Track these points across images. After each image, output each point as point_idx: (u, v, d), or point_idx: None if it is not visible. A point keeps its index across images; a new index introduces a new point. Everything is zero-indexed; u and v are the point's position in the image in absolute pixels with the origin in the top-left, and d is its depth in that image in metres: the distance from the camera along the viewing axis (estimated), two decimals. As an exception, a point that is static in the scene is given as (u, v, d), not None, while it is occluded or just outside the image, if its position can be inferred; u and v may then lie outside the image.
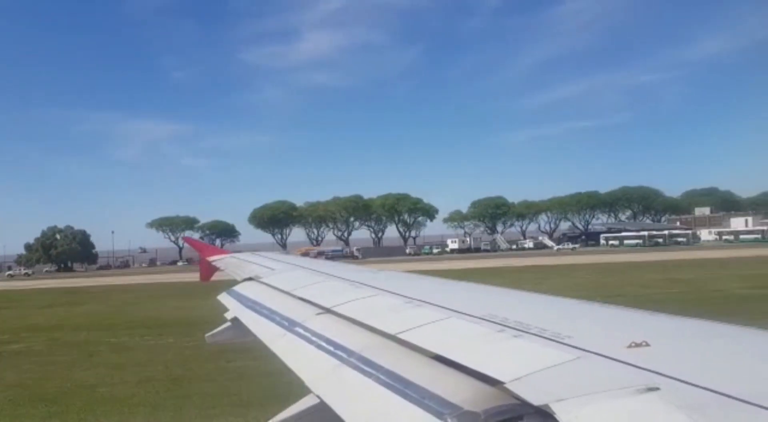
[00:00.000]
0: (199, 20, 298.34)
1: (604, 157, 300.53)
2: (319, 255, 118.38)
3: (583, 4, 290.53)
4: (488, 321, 3.23)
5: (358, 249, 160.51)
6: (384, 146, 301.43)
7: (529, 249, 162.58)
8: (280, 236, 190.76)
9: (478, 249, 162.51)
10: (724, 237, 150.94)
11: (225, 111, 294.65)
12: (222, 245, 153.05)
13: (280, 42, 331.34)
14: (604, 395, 2.05)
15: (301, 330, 4.35)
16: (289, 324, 4.62)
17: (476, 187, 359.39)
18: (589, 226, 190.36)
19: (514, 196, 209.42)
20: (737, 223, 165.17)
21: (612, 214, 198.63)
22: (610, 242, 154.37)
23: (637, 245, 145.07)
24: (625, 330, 2.85)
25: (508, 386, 2.31)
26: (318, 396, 3.19)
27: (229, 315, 6.33)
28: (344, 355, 3.48)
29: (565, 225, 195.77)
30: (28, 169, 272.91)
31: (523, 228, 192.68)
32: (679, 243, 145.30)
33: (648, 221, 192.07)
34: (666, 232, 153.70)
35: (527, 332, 2.90)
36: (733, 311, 29.75)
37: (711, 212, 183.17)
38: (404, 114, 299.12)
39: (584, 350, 2.51)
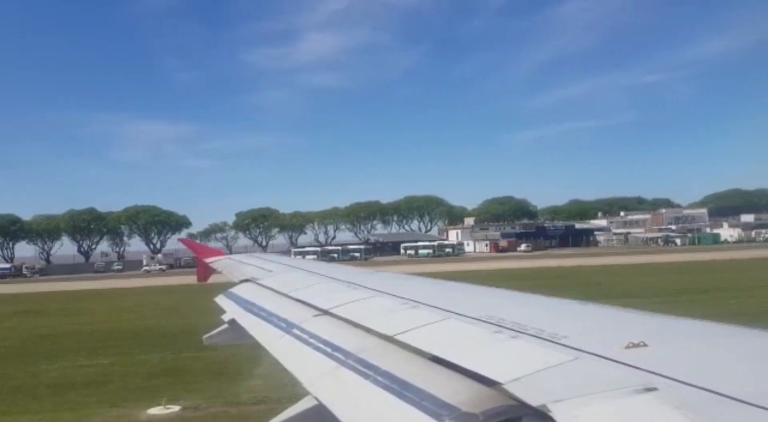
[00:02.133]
0: (202, 22, 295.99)
1: (610, 157, 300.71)
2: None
3: (587, 3, 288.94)
4: (485, 322, 3.24)
5: (27, 267, 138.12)
6: (387, 147, 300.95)
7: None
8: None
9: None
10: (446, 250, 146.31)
11: (228, 112, 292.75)
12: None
13: (283, 43, 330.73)
14: (602, 395, 2.05)
15: (298, 332, 4.35)
16: (287, 326, 4.62)
17: (486, 186, 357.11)
18: (369, 237, 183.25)
19: (525, 195, 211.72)
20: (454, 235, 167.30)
21: (401, 223, 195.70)
22: (408, 251, 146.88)
23: (428, 255, 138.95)
24: (623, 330, 2.86)
25: (506, 387, 2.32)
26: (316, 398, 3.20)
27: (226, 317, 6.32)
28: (342, 357, 3.48)
29: (346, 236, 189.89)
30: (32, 171, 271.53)
31: (293, 239, 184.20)
32: (447, 254, 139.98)
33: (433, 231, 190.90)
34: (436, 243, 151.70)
35: (525, 333, 2.91)
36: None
37: (475, 222, 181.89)
38: (408, 115, 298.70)
39: (582, 351, 2.52)
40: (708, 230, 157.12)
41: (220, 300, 7.06)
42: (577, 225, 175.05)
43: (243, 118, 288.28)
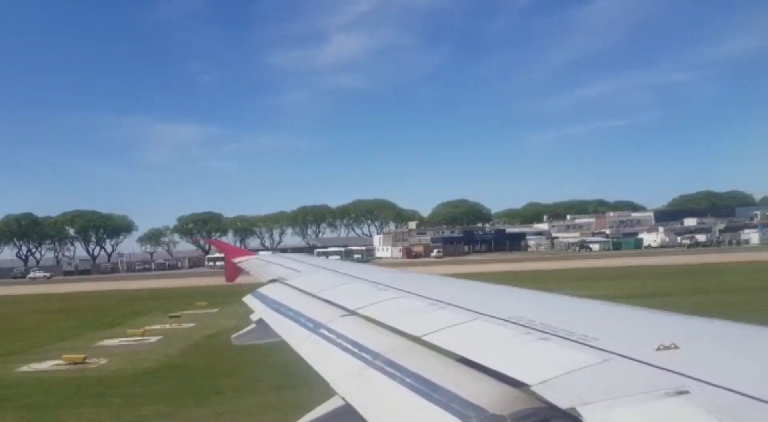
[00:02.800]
0: (226, 25, 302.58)
1: (633, 157, 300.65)
2: None
3: (610, 2, 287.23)
4: (514, 323, 3.22)
5: None
6: (410, 147, 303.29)
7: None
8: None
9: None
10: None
11: (252, 114, 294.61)
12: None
13: (307, 45, 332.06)
14: (632, 398, 2.04)
15: (326, 332, 4.36)
16: (315, 326, 4.65)
17: (509, 186, 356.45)
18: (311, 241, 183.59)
19: (547, 197, 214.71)
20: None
21: (350, 227, 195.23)
22: (320, 257, 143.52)
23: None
24: (654, 332, 2.82)
25: (535, 389, 2.32)
26: (343, 398, 3.21)
27: (254, 317, 6.39)
28: (369, 357, 3.49)
29: (295, 240, 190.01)
30: (60, 173, 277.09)
31: (243, 243, 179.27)
32: (356, 259, 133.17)
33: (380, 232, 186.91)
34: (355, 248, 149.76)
35: (554, 334, 2.89)
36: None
37: (417, 226, 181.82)
38: (430, 115, 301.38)
39: (612, 353, 2.50)
40: (645, 234, 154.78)
41: (248, 299, 7.11)
42: (509, 230, 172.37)
43: (267, 119, 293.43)
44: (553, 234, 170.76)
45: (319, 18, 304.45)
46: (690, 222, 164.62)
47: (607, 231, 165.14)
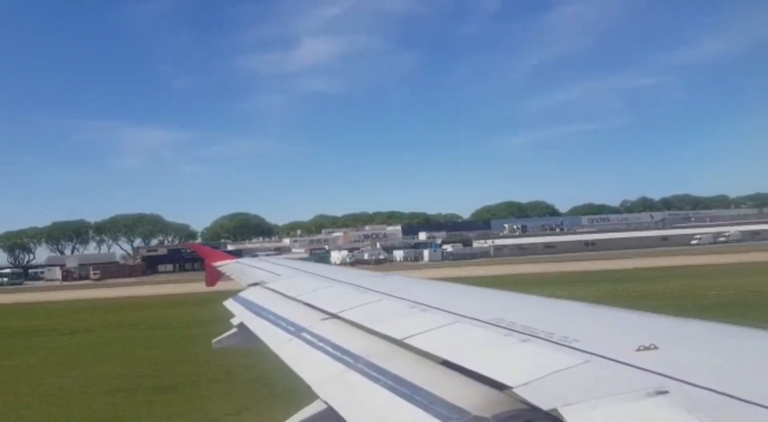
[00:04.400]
0: (197, 27, 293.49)
1: (604, 161, 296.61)
2: None
3: (581, 7, 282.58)
4: (495, 325, 3.23)
5: None
6: (384, 152, 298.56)
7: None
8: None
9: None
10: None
11: (224, 118, 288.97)
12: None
13: (279, 49, 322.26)
14: (613, 399, 2.05)
15: (307, 336, 4.35)
16: (296, 330, 4.64)
17: (482, 191, 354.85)
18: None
19: (521, 198, 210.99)
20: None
21: (105, 242, 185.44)
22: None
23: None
24: (633, 333, 2.86)
25: (517, 390, 2.32)
26: (325, 402, 3.19)
27: (235, 321, 6.35)
28: (351, 360, 3.48)
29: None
30: (28, 178, 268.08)
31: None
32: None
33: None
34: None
35: (535, 336, 2.90)
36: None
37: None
38: (404, 119, 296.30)
39: (592, 354, 2.51)
40: (335, 252, 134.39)
41: (229, 304, 7.08)
42: (232, 247, 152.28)
43: (239, 123, 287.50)
44: (294, 250, 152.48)
45: (291, 22, 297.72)
46: (423, 236, 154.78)
47: (307, 249, 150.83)
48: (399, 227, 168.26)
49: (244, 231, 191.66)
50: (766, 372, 2.23)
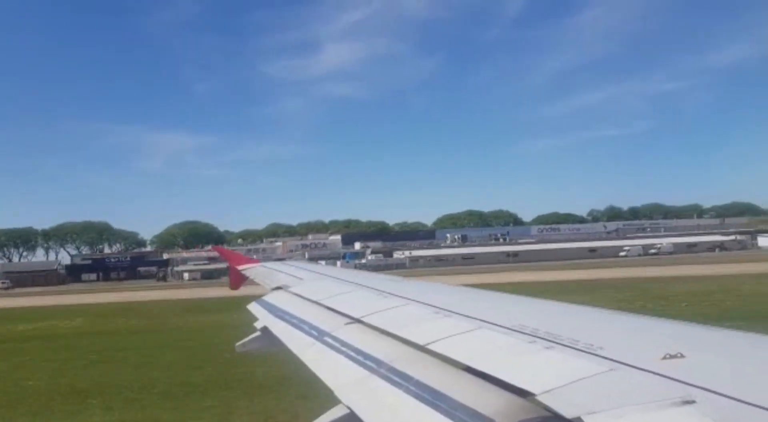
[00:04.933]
0: (220, 33, 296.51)
1: (627, 166, 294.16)
2: None
3: (603, 12, 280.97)
4: (518, 331, 3.22)
5: None
6: (406, 156, 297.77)
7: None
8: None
9: None
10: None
11: (247, 123, 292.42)
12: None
13: (302, 54, 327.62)
14: (638, 408, 2.03)
15: (330, 340, 4.37)
16: (319, 334, 4.65)
17: (474, 198, 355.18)
18: None
19: (533, 205, 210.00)
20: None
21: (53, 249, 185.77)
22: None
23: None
24: (659, 341, 2.82)
25: (540, 398, 2.31)
26: (348, 407, 3.20)
27: (258, 325, 6.41)
28: (374, 366, 3.49)
29: None
30: (56, 182, 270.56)
31: None
32: None
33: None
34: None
35: (559, 343, 2.88)
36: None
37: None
38: (425, 123, 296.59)
39: (617, 361, 2.49)
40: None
41: (253, 307, 7.13)
42: (167, 256, 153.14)
43: (262, 128, 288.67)
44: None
45: (313, 27, 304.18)
46: (357, 246, 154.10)
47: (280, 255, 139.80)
48: (339, 236, 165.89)
49: (195, 239, 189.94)
50: None
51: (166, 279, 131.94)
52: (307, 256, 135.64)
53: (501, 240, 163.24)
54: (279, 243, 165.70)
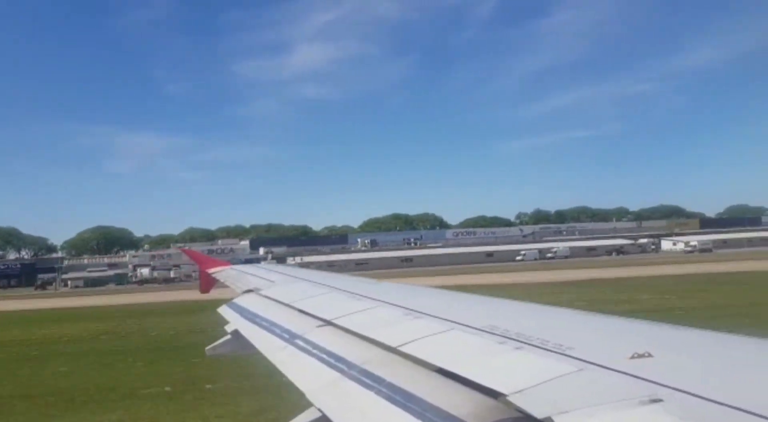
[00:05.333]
0: (192, 34, 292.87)
1: (598, 168, 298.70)
2: None
3: (574, 14, 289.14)
4: (489, 332, 3.24)
5: None
6: (379, 158, 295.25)
7: None
8: None
9: None
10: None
11: (220, 124, 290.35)
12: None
13: (274, 55, 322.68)
14: (607, 407, 2.05)
15: (301, 343, 4.36)
16: (290, 337, 4.64)
17: (475, 197, 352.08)
18: None
19: (513, 207, 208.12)
20: None
21: None
22: None
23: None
24: (628, 340, 2.86)
25: (511, 398, 2.32)
26: (319, 410, 3.20)
27: (229, 328, 6.35)
28: (345, 368, 3.49)
29: None
30: (24, 183, 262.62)
31: None
32: None
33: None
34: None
35: (529, 343, 2.91)
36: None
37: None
38: (398, 126, 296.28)
39: (586, 361, 2.52)
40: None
41: (223, 310, 7.07)
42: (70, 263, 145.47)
43: (234, 129, 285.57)
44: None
45: (286, 28, 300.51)
46: (261, 251, 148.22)
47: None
48: (248, 242, 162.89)
49: (107, 244, 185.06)
50: (761, 380, 2.24)
51: (45, 288, 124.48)
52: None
53: (413, 244, 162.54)
54: (173, 251, 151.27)
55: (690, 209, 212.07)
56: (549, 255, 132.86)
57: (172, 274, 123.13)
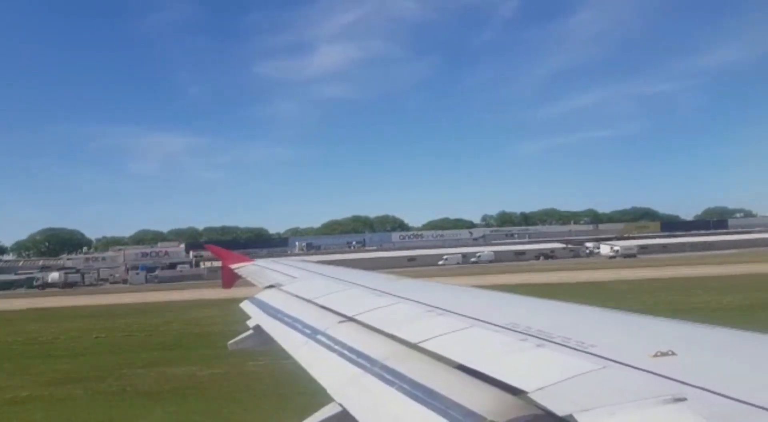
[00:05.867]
0: (214, 35, 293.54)
1: (619, 168, 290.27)
2: None
3: (596, 14, 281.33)
4: (510, 329, 3.23)
5: None
6: (399, 158, 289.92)
7: None
8: None
9: None
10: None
11: (241, 124, 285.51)
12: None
13: (295, 55, 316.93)
14: (630, 405, 2.04)
15: (323, 339, 4.38)
16: (312, 333, 4.66)
17: (494, 198, 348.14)
18: None
19: (532, 206, 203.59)
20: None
21: None
22: None
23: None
24: (650, 338, 2.84)
25: (532, 396, 2.32)
26: (340, 405, 3.22)
27: (251, 323, 6.41)
28: (367, 364, 3.50)
29: None
30: (49, 184, 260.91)
31: None
32: None
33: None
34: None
35: (550, 341, 2.90)
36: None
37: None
38: (418, 126, 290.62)
39: (609, 359, 2.51)
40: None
41: (245, 305, 7.12)
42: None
43: (256, 130, 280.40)
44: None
45: (307, 29, 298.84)
46: (190, 255, 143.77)
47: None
48: (183, 245, 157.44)
49: (57, 246, 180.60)
50: None
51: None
52: (104, 266, 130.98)
53: (355, 247, 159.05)
54: (112, 254, 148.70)
55: (664, 211, 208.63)
56: (473, 259, 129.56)
57: (85, 280, 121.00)
